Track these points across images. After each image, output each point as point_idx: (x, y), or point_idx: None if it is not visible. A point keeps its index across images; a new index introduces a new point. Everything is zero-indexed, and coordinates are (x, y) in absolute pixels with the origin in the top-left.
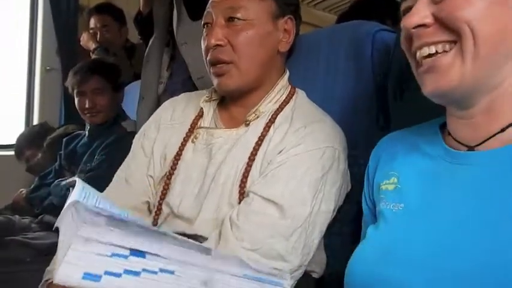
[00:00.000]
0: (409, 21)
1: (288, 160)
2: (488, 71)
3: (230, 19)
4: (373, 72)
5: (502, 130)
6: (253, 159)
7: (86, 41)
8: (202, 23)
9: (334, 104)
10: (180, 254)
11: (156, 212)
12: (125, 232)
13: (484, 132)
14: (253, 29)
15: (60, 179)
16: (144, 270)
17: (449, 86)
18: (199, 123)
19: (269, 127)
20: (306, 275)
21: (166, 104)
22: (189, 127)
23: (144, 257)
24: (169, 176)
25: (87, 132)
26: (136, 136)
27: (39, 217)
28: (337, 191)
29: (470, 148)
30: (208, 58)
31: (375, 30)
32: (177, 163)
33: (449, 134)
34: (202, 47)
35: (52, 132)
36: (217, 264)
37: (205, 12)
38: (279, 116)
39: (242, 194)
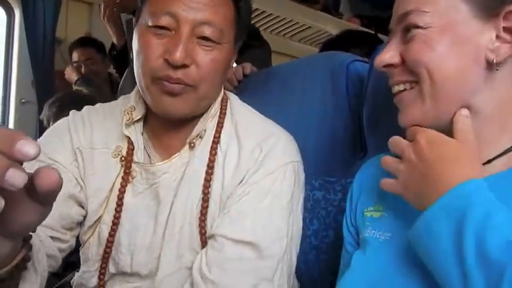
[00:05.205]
0: (378, 60)
1: (251, 190)
2: (452, 108)
3: (202, 37)
4: (348, 102)
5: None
6: (208, 193)
7: (69, 74)
8: (153, 24)
9: (311, 133)
10: None
11: (101, 271)
12: None
13: None
14: (222, 52)
15: None
16: None
17: (414, 120)
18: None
19: (215, 150)
20: None
21: (78, 119)
22: (124, 167)
23: None
24: (112, 232)
25: None
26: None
27: None
28: (302, 205)
29: None
30: (161, 74)
31: (348, 61)
32: (119, 215)
33: None
34: (145, 52)
35: None
36: None
37: (160, 8)
38: (222, 134)
39: (204, 235)
